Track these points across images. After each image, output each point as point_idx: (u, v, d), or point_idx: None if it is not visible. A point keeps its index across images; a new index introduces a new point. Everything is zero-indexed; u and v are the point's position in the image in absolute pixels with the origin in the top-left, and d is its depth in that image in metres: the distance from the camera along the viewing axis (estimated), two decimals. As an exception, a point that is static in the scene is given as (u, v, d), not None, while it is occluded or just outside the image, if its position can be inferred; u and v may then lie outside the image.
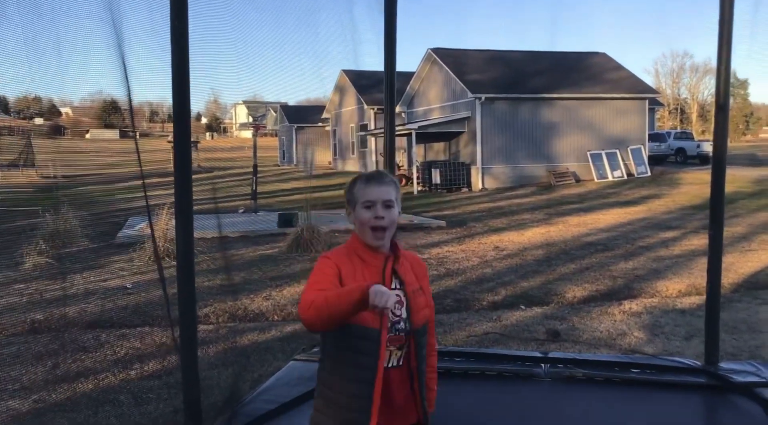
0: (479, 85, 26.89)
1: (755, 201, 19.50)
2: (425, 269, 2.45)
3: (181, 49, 2.94)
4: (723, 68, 3.97)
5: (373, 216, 2.22)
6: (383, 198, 2.25)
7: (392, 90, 4.67)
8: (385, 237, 2.26)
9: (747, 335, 6.27)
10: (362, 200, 2.26)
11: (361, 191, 2.27)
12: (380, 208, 2.23)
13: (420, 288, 2.34)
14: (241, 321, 7.23)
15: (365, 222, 2.23)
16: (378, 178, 2.30)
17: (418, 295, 2.31)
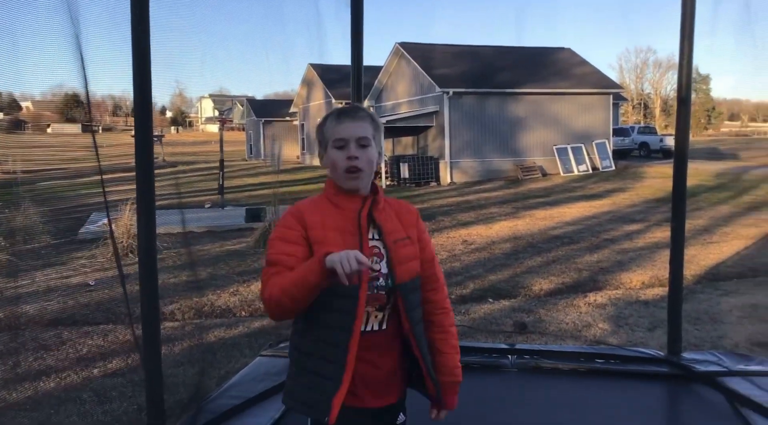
0: (447, 80, 26.96)
1: (716, 194, 19.87)
2: (416, 217, 2.15)
3: (141, 40, 2.89)
4: (685, 62, 4.02)
5: (345, 156, 1.96)
6: (357, 135, 1.98)
7: (360, 84, 4.65)
8: (360, 178, 1.99)
9: (709, 325, 6.38)
10: (333, 138, 1.99)
11: (332, 129, 2.01)
12: (353, 147, 1.97)
13: (407, 237, 2.05)
14: (207, 318, 7.16)
15: (337, 163, 1.98)
16: (351, 113, 2.02)
17: (401, 246, 2.01)
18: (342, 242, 1.90)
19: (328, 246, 1.86)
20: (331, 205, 1.99)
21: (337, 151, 1.99)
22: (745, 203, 17.77)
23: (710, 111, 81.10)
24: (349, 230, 1.94)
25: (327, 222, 1.95)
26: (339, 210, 1.98)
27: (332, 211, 1.98)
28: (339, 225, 1.95)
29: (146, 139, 3.06)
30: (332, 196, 2.01)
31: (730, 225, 13.53)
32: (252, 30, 7.97)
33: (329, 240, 1.91)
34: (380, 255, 1.98)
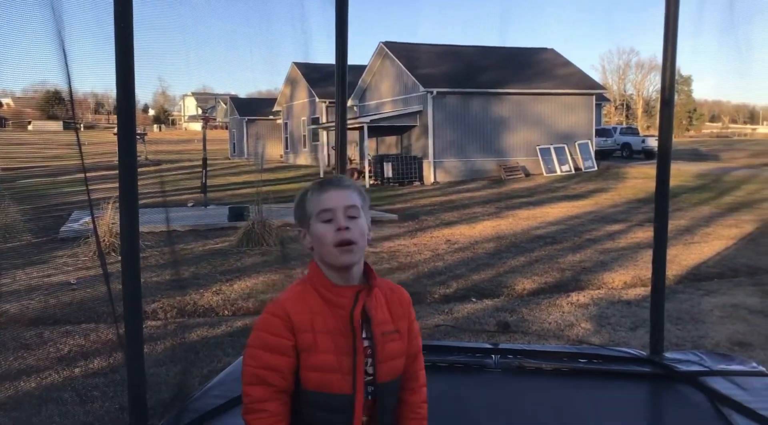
0: (431, 79, 27.01)
1: (698, 195, 20.06)
2: (409, 305, 1.92)
3: (125, 37, 2.86)
4: (668, 64, 4.04)
5: (335, 229, 1.72)
6: (345, 203, 1.75)
7: (344, 83, 4.64)
8: (354, 252, 1.73)
9: (690, 325, 6.44)
10: (317, 211, 1.75)
11: (316, 201, 1.76)
12: (342, 217, 1.73)
13: (396, 330, 1.81)
14: (190, 317, 7.12)
15: (325, 238, 1.72)
16: (336, 182, 1.81)
17: (389, 340, 1.78)
18: (334, 347, 1.70)
19: (318, 354, 1.69)
20: (319, 300, 1.74)
21: (323, 224, 1.74)
22: (726, 204, 17.96)
23: (692, 112, 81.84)
24: (341, 331, 1.72)
25: (316, 323, 1.71)
26: (329, 307, 1.73)
27: (322, 308, 1.73)
28: (330, 326, 1.71)
29: (129, 137, 3.04)
30: (320, 288, 1.75)
31: (712, 226, 13.67)
32: (235, 28, 7.97)
33: (320, 346, 1.70)
34: (371, 355, 1.76)
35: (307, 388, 1.70)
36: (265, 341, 1.72)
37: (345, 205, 1.75)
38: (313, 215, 1.76)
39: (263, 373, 1.70)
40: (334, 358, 1.68)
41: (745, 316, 6.74)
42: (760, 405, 3.43)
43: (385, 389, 1.77)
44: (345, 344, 1.71)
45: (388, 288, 1.87)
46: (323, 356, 1.67)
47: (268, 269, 9.28)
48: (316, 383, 1.66)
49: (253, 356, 1.73)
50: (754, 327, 6.34)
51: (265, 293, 7.93)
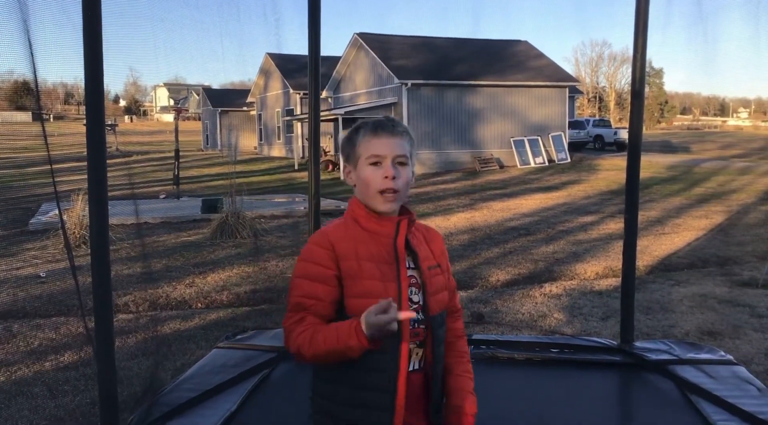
0: (405, 71, 26.99)
1: (669, 186, 20.32)
2: (442, 242, 1.97)
3: (93, 25, 2.81)
4: (639, 55, 4.08)
5: (382, 176, 1.75)
6: (396, 152, 1.77)
7: (317, 74, 4.61)
8: (396, 201, 1.79)
9: (660, 315, 6.53)
10: (367, 154, 1.77)
11: (367, 143, 1.78)
12: (391, 166, 1.76)
13: (438, 265, 1.87)
14: (162, 310, 7.06)
15: (371, 183, 1.76)
16: (389, 127, 1.80)
17: (434, 274, 1.84)
18: (379, 274, 1.73)
19: (363, 280, 1.72)
20: (362, 230, 1.78)
21: (372, 168, 1.77)
22: (696, 195, 18.22)
23: (663, 104, 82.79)
24: (384, 259, 1.76)
25: (360, 251, 1.75)
26: (372, 236, 1.78)
27: (364, 238, 1.77)
28: (373, 254, 1.75)
29: (98, 127, 2.99)
30: (362, 219, 1.80)
31: (682, 217, 13.86)
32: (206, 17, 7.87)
33: (365, 273, 1.73)
34: (417, 286, 1.81)
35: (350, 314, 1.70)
36: (308, 271, 1.74)
37: (395, 153, 1.78)
38: (362, 157, 1.79)
39: (306, 301, 1.73)
40: (379, 284, 1.71)
41: (714, 306, 6.85)
42: (727, 393, 3.49)
43: (435, 321, 1.81)
44: (389, 271, 1.75)
45: (424, 228, 1.93)
46: (369, 282, 1.71)
47: (242, 261, 9.23)
48: (363, 310, 1.62)
49: (297, 285, 1.75)
50: (722, 316, 6.45)
51: (239, 285, 7.89)
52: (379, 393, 1.73)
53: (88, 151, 3.00)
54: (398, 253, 1.77)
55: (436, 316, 1.82)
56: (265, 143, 40.81)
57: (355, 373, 1.74)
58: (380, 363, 1.72)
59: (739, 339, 5.70)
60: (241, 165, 26.92)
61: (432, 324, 1.80)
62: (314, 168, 4.72)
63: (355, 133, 1.85)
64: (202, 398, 3.51)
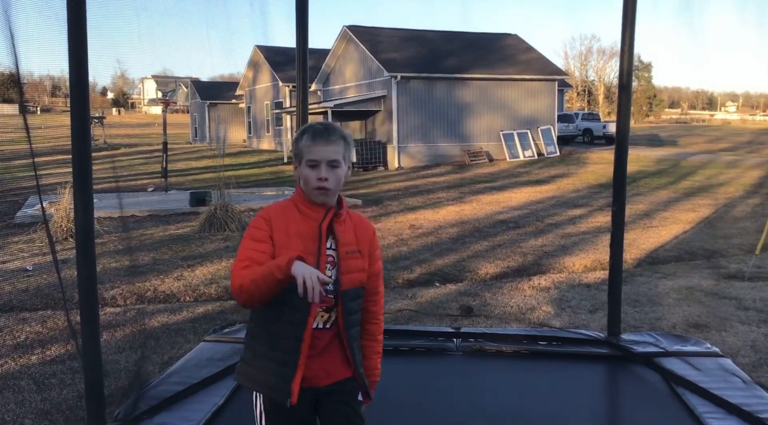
0: (395, 64, 26.93)
1: (656, 179, 20.41)
2: (372, 233, 2.35)
3: (77, 16, 2.79)
4: (626, 49, 4.08)
5: (317, 177, 2.16)
6: (329, 158, 2.17)
7: (305, 67, 4.59)
8: (328, 196, 2.21)
9: (647, 307, 6.56)
10: (306, 158, 2.17)
11: (307, 148, 2.17)
12: (324, 169, 2.16)
13: (358, 250, 2.26)
14: (150, 303, 7.03)
15: (309, 181, 2.17)
16: (325, 135, 2.18)
17: (351, 257, 2.23)
18: (303, 247, 2.12)
19: (289, 250, 2.08)
20: (297, 212, 2.20)
21: (309, 169, 2.17)
22: (684, 188, 18.31)
23: (651, 98, 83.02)
24: (310, 236, 2.16)
25: (291, 228, 2.16)
26: (303, 217, 2.19)
27: (297, 218, 2.19)
28: (302, 231, 2.16)
29: (82, 119, 2.96)
30: (300, 203, 2.22)
31: (669, 210, 13.93)
32: (191, 7, 7.81)
33: (291, 245, 2.13)
34: (333, 264, 2.21)
35: None
36: (253, 234, 2.17)
37: (329, 159, 2.17)
38: (303, 158, 2.19)
39: (251, 253, 2.13)
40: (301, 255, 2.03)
41: (701, 299, 6.89)
42: (713, 384, 3.51)
43: (346, 295, 2.22)
44: (312, 247, 2.16)
45: (358, 219, 2.33)
46: (289, 252, 2.04)
47: (231, 254, 9.19)
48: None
49: (245, 243, 2.17)
50: (709, 309, 6.48)
51: (227, 278, 7.86)
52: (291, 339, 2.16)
53: (73, 144, 2.99)
54: (321, 233, 2.18)
55: (348, 291, 2.22)
56: (254, 136, 40.66)
57: (271, 325, 2.18)
58: (293, 318, 2.14)
59: (725, 331, 5.73)
60: (229, 158, 26.80)
61: (342, 297, 2.21)
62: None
63: (300, 136, 2.23)
64: (189, 392, 3.50)
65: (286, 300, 2.10)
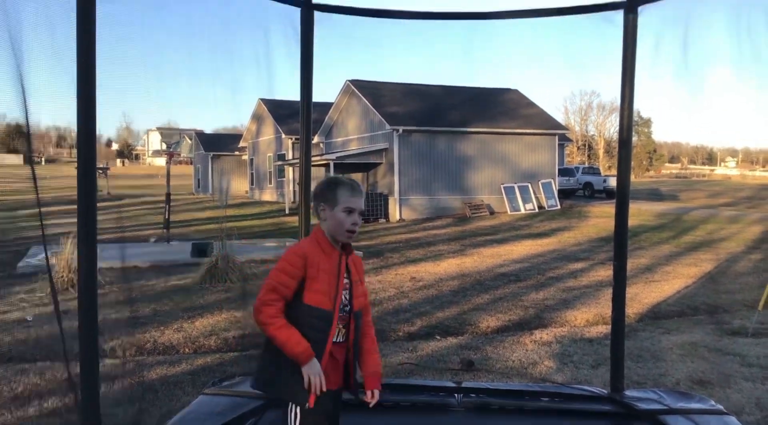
0: (397, 118, 27.26)
1: (658, 233, 20.43)
2: (362, 266, 2.92)
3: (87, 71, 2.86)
4: (626, 105, 4.15)
5: (351, 222, 2.71)
6: (360, 207, 2.75)
7: (308, 120, 4.67)
8: (353, 238, 2.76)
9: (651, 363, 6.50)
10: (345, 205, 2.70)
11: (346, 197, 2.71)
12: (357, 216, 2.74)
13: (360, 280, 2.82)
14: (149, 355, 6.98)
15: (343, 223, 2.70)
16: (359, 191, 2.78)
17: (357, 285, 2.79)
18: (327, 280, 2.66)
19: (319, 281, 2.64)
20: (322, 251, 2.69)
21: (345, 215, 2.70)
22: (686, 243, 18.31)
23: (652, 153, 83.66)
24: (332, 272, 2.68)
25: (320, 265, 2.66)
26: (327, 257, 2.69)
27: (323, 257, 2.68)
28: (327, 268, 2.67)
29: (89, 170, 3.01)
30: (323, 243, 2.73)
31: (672, 264, 13.91)
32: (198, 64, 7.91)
33: (320, 278, 2.65)
34: (347, 289, 2.75)
35: (307, 303, 2.63)
36: (286, 268, 2.63)
37: (361, 208, 2.76)
38: (339, 204, 2.70)
39: (279, 287, 2.61)
40: (327, 286, 2.65)
41: (705, 354, 6.83)
42: (718, 443, 3.47)
43: (356, 314, 2.77)
44: (334, 279, 2.68)
45: (354, 255, 2.82)
46: (320, 284, 2.63)
47: (231, 306, 9.17)
48: (313, 300, 2.63)
49: (277, 275, 2.63)
50: (713, 365, 6.42)
51: (227, 330, 7.83)
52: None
53: (79, 194, 3.02)
54: (340, 268, 2.72)
55: (357, 311, 2.77)
56: (256, 187, 40.89)
57: None
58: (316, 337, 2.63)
59: (729, 388, 5.66)
60: (231, 209, 26.91)
61: (354, 315, 2.76)
62: (305, 212, 4.74)
63: (335, 185, 2.77)
64: (188, 446, 3.45)
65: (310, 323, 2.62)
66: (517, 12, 4.49)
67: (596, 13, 4.22)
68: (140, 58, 3.67)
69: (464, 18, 4.68)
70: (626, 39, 4.11)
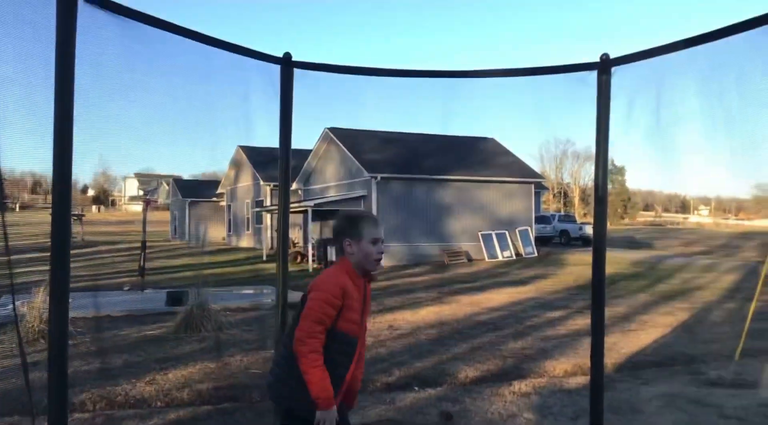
0: (375, 165, 27.44)
1: (634, 282, 20.56)
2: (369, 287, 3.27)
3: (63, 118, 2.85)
4: (601, 162, 4.21)
5: (377, 251, 3.08)
6: (382, 237, 3.12)
7: (287, 169, 4.67)
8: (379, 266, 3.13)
9: (629, 415, 6.46)
10: (372, 237, 3.06)
11: (372, 230, 3.07)
12: (381, 245, 3.11)
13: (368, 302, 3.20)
14: (120, 408, 6.80)
15: (371, 254, 3.06)
16: (379, 221, 3.17)
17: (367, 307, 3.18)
18: (357, 307, 3.04)
19: (351, 311, 2.99)
20: (352, 282, 3.03)
21: (371, 245, 3.05)
22: (662, 292, 18.43)
23: (626, 201, 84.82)
24: (360, 300, 3.05)
25: (351, 294, 2.99)
26: (356, 286, 3.04)
27: (353, 287, 3.02)
28: (355, 296, 3.02)
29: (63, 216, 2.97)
30: (354, 276, 3.05)
31: (648, 313, 13.95)
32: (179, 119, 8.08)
33: (352, 306, 3.00)
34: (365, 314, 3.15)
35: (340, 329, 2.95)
36: (330, 300, 2.92)
37: (382, 237, 3.12)
38: (366, 237, 3.05)
39: (324, 318, 2.89)
40: (357, 315, 3.04)
41: (683, 406, 6.81)
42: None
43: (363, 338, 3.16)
44: (360, 307, 3.06)
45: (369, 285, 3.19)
46: (352, 313, 3.00)
47: (206, 357, 9.01)
48: (346, 328, 2.97)
49: (321, 307, 2.89)
50: (692, 416, 6.40)
51: (201, 382, 7.67)
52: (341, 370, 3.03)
53: (52, 241, 2.98)
54: (366, 296, 3.12)
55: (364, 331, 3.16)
56: (233, 234, 40.69)
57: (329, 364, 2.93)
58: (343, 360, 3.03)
59: (709, 440, 5.64)
60: (208, 256, 26.70)
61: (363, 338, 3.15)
62: (282, 258, 4.70)
63: (357, 220, 3.11)
64: None
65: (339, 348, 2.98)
66: (493, 71, 4.59)
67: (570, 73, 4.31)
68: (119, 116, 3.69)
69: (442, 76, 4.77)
70: (600, 99, 4.19)
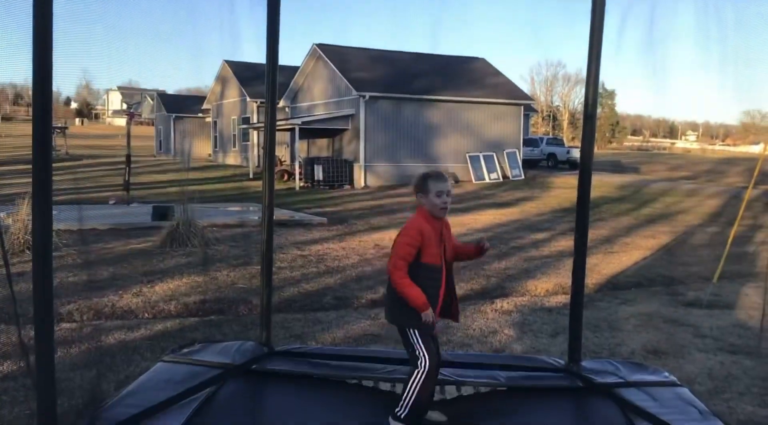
0: (364, 84, 27.04)
1: (618, 206, 20.74)
2: (450, 225, 3.77)
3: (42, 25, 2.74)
4: (592, 80, 4.14)
5: (443, 202, 3.57)
6: (449, 189, 3.61)
7: (274, 84, 4.57)
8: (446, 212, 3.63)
9: (607, 333, 6.63)
10: (436, 190, 3.56)
11: (435, 184, 3.57)
12: (446, 196, 3.58)
13: (449, 236, 3.71)
14: (107, 319, 6.88)
15: (437, 204, 3.56)
16: (444, 177, 3.67)
17: (448, 240, 3.67)
18: (435, 244, 3.55)
19: (431, 247, 3.53)
20: (427, 224, 3.55)
21: (437, 197, 3.55)
22: (645, 215, 18.63)
23: (614, 125, 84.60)
24: (435, 237, 3.55)
25: (428, 234, 3.52)
26: (431, 226, 3.56)
27: (430, 228, 3.54)
28: (432, 236, 3.54)
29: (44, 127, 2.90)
30: (429, 218, 3.58)
31: (631, 236, 14.14)
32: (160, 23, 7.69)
33: (431, 243, 3.53)
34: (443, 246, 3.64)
35: (425, 262, 3.51)
36: (409, 241, 3.50)
37: (449, 189, 3.61)
38: (432, 191, 3.56)
39: (406, 256, 3.48)
40: (435, 249, 3.56)
41: (660, 325, 6.99)
42: (670, 416, 3.55)
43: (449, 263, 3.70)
44: (437, 242, 3.58)
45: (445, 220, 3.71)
46: (432, 248, 3.53)
47: (192, 271, 9.08)
48: (429, 260, 3.52)
49: (403, 247, 3.49)
50: (667, 335, 6.57)
51: (188, 295, 7.75)
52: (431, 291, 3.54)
53: (34, 152, 2.92)
54: (442, 233, 3.63)
55: (450, 261, 3.69)
56: (220, 151, 40.37)
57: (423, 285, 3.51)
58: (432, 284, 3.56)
59: (683, 358, 5.81)
60: (194, 172, 26.54)
61: (448, 264, 3.69)
62: (269, 177, 4.66)
63: (425, 178, 3.64)
64: (145, 415, 3.41)
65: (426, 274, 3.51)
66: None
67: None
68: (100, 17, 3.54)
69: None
70: (594, 14, 4.08)
